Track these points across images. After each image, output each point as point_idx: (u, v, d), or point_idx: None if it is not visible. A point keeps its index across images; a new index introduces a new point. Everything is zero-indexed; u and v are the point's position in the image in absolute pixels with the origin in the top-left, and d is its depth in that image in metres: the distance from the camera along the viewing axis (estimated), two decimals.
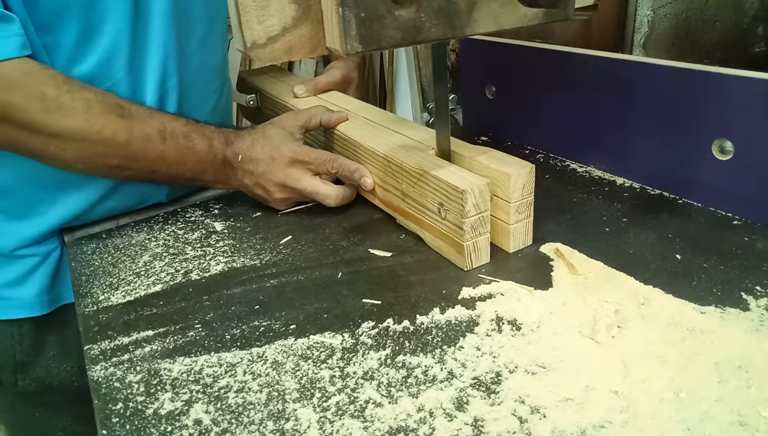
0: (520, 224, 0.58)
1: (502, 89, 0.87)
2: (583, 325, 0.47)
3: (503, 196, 0.57)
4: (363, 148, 0.68)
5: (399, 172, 0.62)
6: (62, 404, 0.77)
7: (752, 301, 0.48)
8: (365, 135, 0.69)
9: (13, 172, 0.66)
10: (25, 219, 0.69)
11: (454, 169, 0.57)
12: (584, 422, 0.38)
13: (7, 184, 0.67)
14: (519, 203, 0.57)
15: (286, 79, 0.97)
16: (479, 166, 0.59)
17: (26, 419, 0.79)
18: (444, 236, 0.57)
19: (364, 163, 0.68)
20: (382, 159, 0.64)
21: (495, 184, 0.57)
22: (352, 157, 0.70)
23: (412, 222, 0.63)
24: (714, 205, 0.63)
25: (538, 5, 0.48)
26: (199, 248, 0.64)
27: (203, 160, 0.66)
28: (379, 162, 0.66)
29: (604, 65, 0.71)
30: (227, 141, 0.68)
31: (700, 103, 0.61)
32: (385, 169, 0.65)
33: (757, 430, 0.37)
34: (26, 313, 0.71)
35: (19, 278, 0.70)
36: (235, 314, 0.53)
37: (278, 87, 0.93)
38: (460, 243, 0.55)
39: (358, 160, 0.69)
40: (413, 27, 0.45)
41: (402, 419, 0.40)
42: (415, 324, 0.49)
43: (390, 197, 0.66)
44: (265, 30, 0.46)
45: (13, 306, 0.70)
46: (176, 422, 0.41)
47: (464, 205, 0.53)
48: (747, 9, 0.82)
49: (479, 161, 0.59)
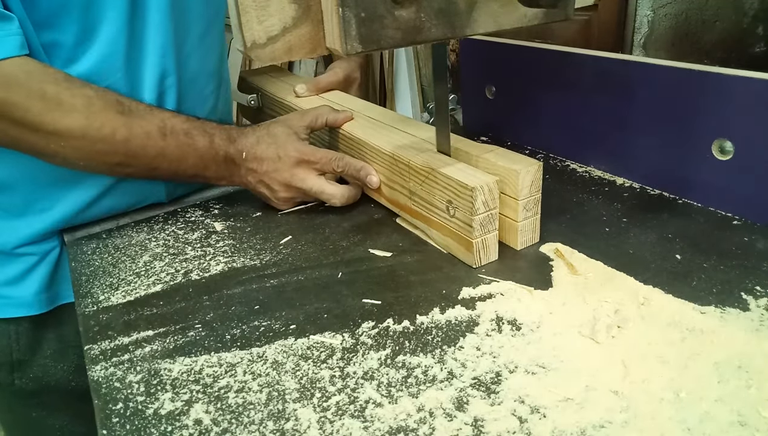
0: (527, 221, 0.58)
1: (502, 89, 0.87)
2: (583, 325, 0.47)
3: (511, 194, 0.57)
4: (369, 146, 0.68)
5: (406, 170, 0.62)
6: (59, 403, 0.77)
7: (752, 301, 0.48)
8: (371, 134, 0.69)
9: (13, 169, 0.66)
10: (25, 217, 0.69)
11: (462, 166, 0.57)
12: (584, 422, 0.38)
13: (6, 181, 0.67)
14: (527, 201, 0.57)
15: (286, 79, 0.97)
16: (487, 164, 0.59)
17: (23, 419, 0.79)
18: (452, 234, 0.58)
19: (370, 161, 0.68)
20: (389, 157, 0.65)
21: (503, 182, 0.57)
22: (357, 156, 0.71)
23: (419, 220, 0.63)
24: (714, 205, 0.63)
25: (538, 5, 0.48)
26: (199, 248, 0.64)
27: (205, 156, 0.66)
28: (385, 160, 0.66)
29: (604, 65, 0.71)
30: (230, 138, 0.67)
31: (700, 103, 0.61)
32: (392, 168, 0.65)
33: (757, 430, 0.37)
34: (24, 312, 0.71)
35: (18, 277, 0.70)
36: (235, 314, 0.53)
37: (279, 87, 0.93)
38: (469, 240, 0.55)
39: (363, 159, 0.69)
40: (413, 27, 0.45)
41: (402, 419, 0.40)
42: (415, 324, 0.49)
43: (396, 196, 0.66)
44: (265, 30, 0.46)
45: (11, 305, 0.71)
46: (176, 422, 0.41)
47: (474, 203, 0.53)
48: (747, 9, 0.82)
49: (487, 159, 0.59)
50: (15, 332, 0.72)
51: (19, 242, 0.69)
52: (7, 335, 0.72)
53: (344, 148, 0.74)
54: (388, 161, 0.65)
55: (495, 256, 0.58)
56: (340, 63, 0.93)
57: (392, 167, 0.65)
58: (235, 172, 0.69)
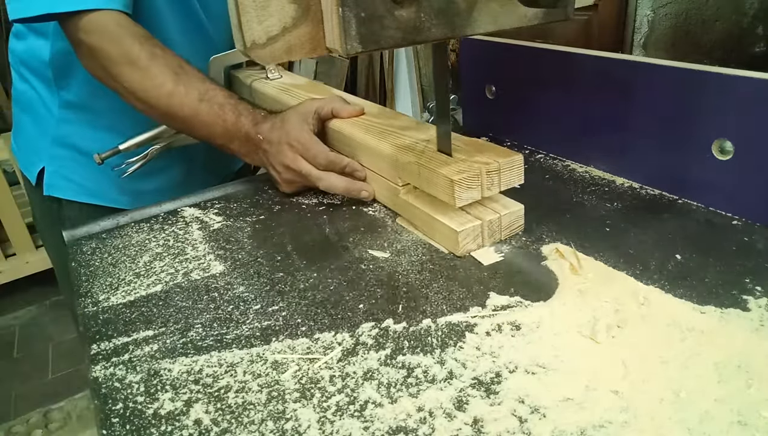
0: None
1: (502, 89, 0.87)
2: (583, 325, 0.47)
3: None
4: (355, 142, 0.70)
5: (397, 165, 0.64)
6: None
7: (752, 301, 0.48)
8: (364, 134, 0.71)
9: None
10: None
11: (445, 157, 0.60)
12: (584, 422, 0.38)
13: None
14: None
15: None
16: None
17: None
18: (443, 225, 0.59)
19: (358, 158, 0.71)
20: (377, 152, 0.67)
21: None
22: (351, 154, 0.72)
23: (414, 214, 0.64)
24: (714, 205, 0.63)
25: (538, 5, 0.48)
26: (199, 248, 0.64)
27: (230, 130, 0.74)
28: (375, 155, 0.68)
29: (604, 65, 0.71)
30: (255, 121, 0.74)
31: (700, 103, 0.61)
32: (379, 163, 0.67)
33: (757, 430, 0.37)
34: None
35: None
36: (235, 314, 0.53)
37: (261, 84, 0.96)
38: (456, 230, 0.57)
39: (355, 156, 0.72)
40: (413, 27, 0.45)
41: (402, 419, 0.40)
42: (414, 324, 0.49)
43: (386, 191, 0.68)
44: (265, 30, 0.46)
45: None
46: (176, 422, 0.41)
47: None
48: (747, 9, 0.82)
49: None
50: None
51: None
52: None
53: (338, 146, 0.75)
54: (378, 157, 0.67)
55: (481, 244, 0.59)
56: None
57: (380, 162, 0.67)
58: (254, 151, 0.75)
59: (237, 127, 0.74)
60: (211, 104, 0.74)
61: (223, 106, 0.74)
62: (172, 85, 0.73)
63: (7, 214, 2.23)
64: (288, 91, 0.89)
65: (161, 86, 0.73)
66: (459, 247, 0.58)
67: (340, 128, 0.74)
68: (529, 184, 0.62)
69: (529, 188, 0.64)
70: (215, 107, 0.74)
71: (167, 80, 0.73)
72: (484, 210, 0.60)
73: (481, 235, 0.59)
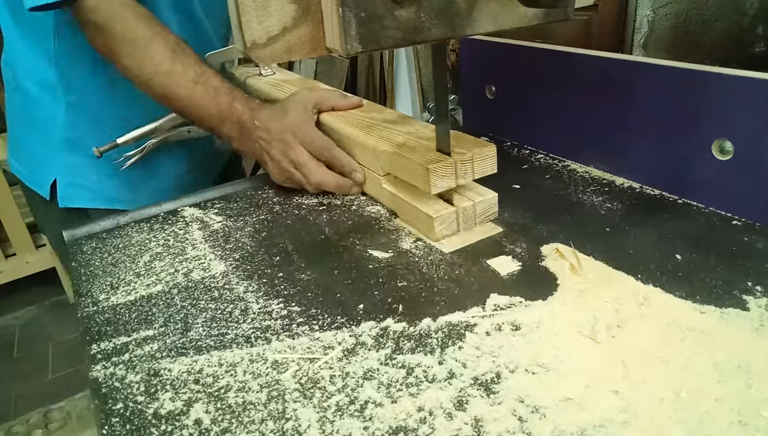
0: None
1: (502, 89, 0.87)
2: (583, 325, 0.47)
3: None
4: (341, 134, 0.72)
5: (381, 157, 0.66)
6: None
7: (752, 301, 0.48)
8: (350, 127, 0.72)
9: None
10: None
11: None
12: (584, 422, 0.38)
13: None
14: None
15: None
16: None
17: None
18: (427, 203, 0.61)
19: (355, 156, 0.72)
20: (360, 144, 0.68)
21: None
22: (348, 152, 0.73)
23: (396, 203, 0.66)
24: (714, 205, 0.63)
25: (538, 5, 0.48)
26: (199, 248, 0.64)
27: (223, 112, 0.75)
28: (358, 147, 0.69)
29: (604, 65, 0.71)
30: (250, 107, 0.75)
31: (700, 103, 0.61)
32: (364, 154, 0.69)
33: (757, 430, 0.37)
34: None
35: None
36: (235, 313, 0.53)
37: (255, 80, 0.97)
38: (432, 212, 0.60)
39: (351, 153, 0.72)
40: (413, 27, 0.45)
41: (402, 419, 0.40)
42: (415, 324, 0.49)
43: (370, 182, 0.70)
44: (265, 30, 0.46)
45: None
46: (176, 422, 0.41)
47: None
48: (747, 9, 0.82)
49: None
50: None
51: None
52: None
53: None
54: (373, 154, 0.68)
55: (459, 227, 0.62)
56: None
57: (375, 158, 0.68)
58: (246, 136, 0.75)
59: (231, 111, 0.75)
60: (206, 87, 0.75)
61: (218, 90, 0.76)
62: (170, 63, 0.75)
63: (7, 214, 2.23)
64: (279, 87, 0.91)
65: (159, 64, 0.75)
66: (435, 232, 0.60)
67: (327, 121, 0.75)
68: (529, 185, 0.62)
69: (530, 188, 0.65)
70: (210, 90, 0.75)
71: (165, 58, 0.75)
72: (459, 198, 0.63)
73: (456, 221, 0.61)
